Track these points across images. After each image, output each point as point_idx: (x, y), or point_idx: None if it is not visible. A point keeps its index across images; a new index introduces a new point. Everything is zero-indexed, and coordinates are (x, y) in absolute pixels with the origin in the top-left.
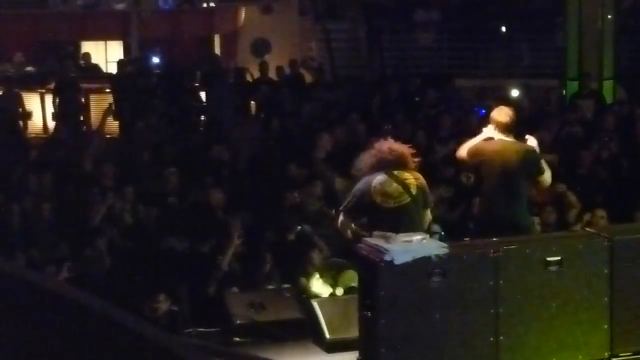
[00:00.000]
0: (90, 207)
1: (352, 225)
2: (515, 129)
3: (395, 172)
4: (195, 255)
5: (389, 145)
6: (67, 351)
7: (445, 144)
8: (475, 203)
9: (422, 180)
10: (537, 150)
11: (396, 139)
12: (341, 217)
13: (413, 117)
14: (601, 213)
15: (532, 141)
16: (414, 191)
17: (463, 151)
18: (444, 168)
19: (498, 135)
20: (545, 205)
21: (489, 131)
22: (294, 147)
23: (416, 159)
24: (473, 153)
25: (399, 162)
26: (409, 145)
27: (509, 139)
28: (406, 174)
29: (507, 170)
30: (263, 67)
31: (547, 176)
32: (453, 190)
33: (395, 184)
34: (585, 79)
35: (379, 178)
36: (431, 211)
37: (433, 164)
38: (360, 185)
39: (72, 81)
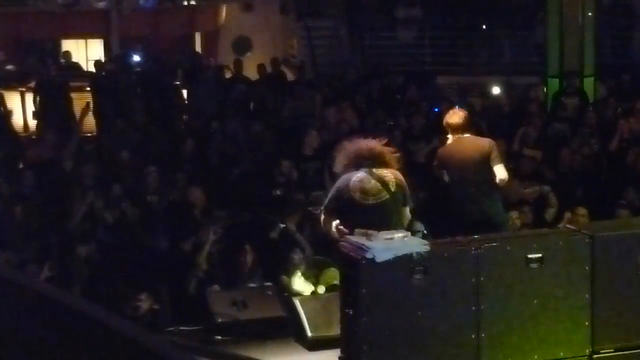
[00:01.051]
0: (71, 206)
1: (334, 223)
2: (470, 127)
3: (374, 170)
4: (176, 254)
5: (368, 143)
6: (47, 349)
7: (420, 142)
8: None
9: (401, 177)
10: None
11: (377, 136)
12: (323, 216)
13: (394, 114)
14: (582, 211)
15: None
16: (392, 188)
17: (437, 166)
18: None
19: (454, 137)
20: (524, 204)
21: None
22: (279, 144)
23: (397, 157)
24: (438, 160)
25: (378, 160)
26: (389, 142)
27: (464, 136)
28: (385, 171)
29: (468, 167)
30: (237, 65)
31: (500, 171)
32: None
33: (373, 181)
34: (570, 76)
35: (358, 175)
36: (411, 210)
37: (413, 163)
38: (339, 182)
39: (52, 80)
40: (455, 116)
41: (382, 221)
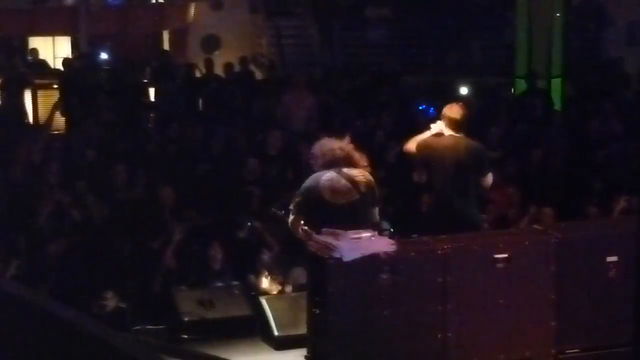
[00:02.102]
0: (38, 204)
1: (302, 224)
2: (466, 126)
3: (345, 170)
4: (143, 252)
5: (337, 143)
6: (12, 348)
7: (391, 142)
8: (424, 199)
9: (370, 178)
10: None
11: (343, 135)
12: (291, 216)
13: (363, 114)
14: (548, 210)
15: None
16: (362, 189)
17: (412, 145)
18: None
19: (448, 132)
20: (488, 204)
21: (438, 126)
22: (245, 144)
23: (364, 156)
24: (422, 147)
25: (348, 161)
26: (354, 141)
27: (459, 135)
28: (355, 171)
29: (458, 166)
30: (208, 63)
31: (489, 176)
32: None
33: (344, 181)
34: (537, 77)
35: (328, 175)
36: (379, 210)
37: (384, 162)
38: (308, 182)
39: (19, 77)
40: (454, 110)
41: (351, 221)
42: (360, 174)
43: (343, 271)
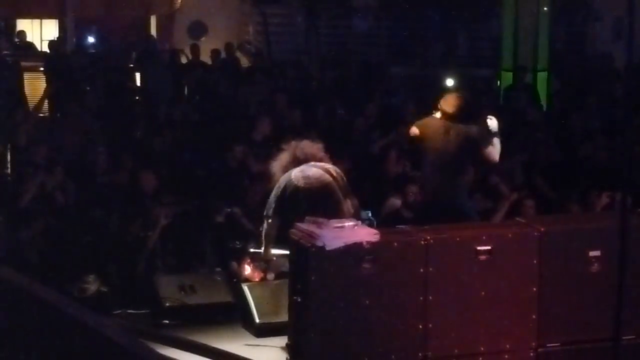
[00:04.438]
0: (22, 186)
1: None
2: (462, 117)
3: (312, 163)
4: (125, 237)
5: (302, 145)
6: None
7: (375, 133)
8: (411, 190)
9: (339, 170)
10: (495, 130)
11: (332, 125)
12: (269, 220)
13: (348, 104)
14: (530, 203)
15: (492, 122)
16: (334, 173)
17: (414, 129)
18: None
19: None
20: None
21: (437, 115)
22: (231, 130)
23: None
24: (420, 126)
25: (315, 159)
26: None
27: (452, 123)
28: (325, 164)
29: (447, 152)
30: (195, 49)
31: (492, 151)
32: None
33: (314, 168)
34: (520, 71)
35: (298, 168)
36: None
37: (368, 154)
38: (281, 182)
39: (6, 59)
40: (449, 103)
41: (328, 204)
42: (330, 167)
43: (325, 260)
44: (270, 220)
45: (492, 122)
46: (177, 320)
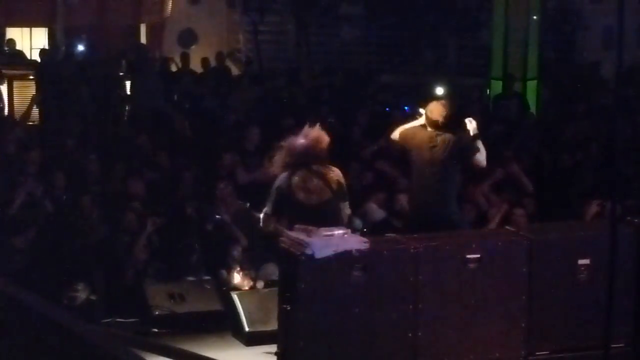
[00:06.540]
0: (11, 193)
1: (274, 225)
2: (448, 125)
3: (314, 167)
4: (114, 245)
5: (304, 140)
6: None
7: (365, 141)
8: (399, 199)
9: (339, 173)
10: (475, 132)
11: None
12: (263, 216)
13: (338, 112)
14: (520, 211)
15: (472, 124)
16: (334, 186)
17: (396, 133)
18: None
19: (429, 129)
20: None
21: (421, 121)
22: (221, 139)
23: (326, 146)
24: (404, 136)
25: (316, 157)
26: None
27: (438, 132)
28: (325, 169)
29: (436, 162)
30: (184, 58)
31: (480, 157)
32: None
33: (316, 180)
34: (510, 80)
35: (299, 174)
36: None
37: (358, 161)
38: (279, 182)
39: None
40: (435, 112)
41: (325, 220)
42: (331, 171)
43: (315, 268)
44: (264, 216)
45: (471, 124)
46: (167, 329)
